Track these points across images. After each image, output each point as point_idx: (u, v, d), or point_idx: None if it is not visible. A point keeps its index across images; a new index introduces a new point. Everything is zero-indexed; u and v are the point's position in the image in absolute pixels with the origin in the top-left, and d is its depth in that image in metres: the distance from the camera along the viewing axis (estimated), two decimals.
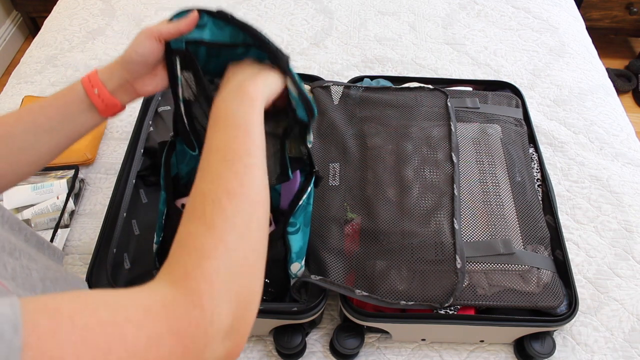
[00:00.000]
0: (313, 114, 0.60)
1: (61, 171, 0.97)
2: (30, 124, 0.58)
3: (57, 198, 0.92)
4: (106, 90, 0.59)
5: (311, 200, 0.73)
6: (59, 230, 0.88)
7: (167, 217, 0.74)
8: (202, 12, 0.58)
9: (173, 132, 0.70)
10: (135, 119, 0.97)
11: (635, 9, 2.14)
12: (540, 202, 0.88)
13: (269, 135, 0.60)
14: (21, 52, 2.40)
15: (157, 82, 0.61)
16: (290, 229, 0.70)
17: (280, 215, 0.72)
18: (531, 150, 0.95)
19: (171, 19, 0.58)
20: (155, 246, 0.77)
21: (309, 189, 0.70)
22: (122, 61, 0.59)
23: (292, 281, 0.74)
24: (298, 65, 1.25)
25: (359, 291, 0.73)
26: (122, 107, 0.62)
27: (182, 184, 0.75)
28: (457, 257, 0.75)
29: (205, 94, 0.61)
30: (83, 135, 0.62)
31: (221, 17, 0.58)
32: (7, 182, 0.59)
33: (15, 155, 0.58)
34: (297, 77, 0.58)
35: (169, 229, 0.74)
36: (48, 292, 0.51)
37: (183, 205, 0.74)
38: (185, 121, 0.64)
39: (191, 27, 0.58)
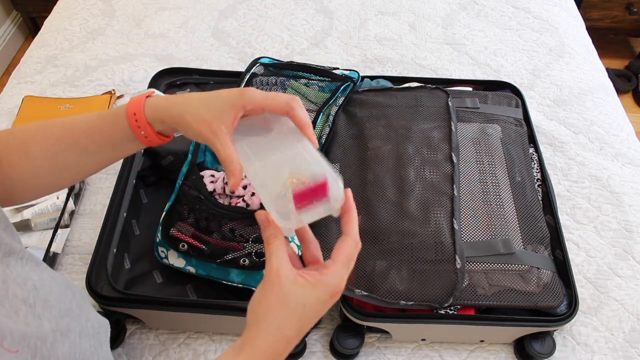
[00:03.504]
0: None
1: None
2: (74, 145, 0.57)
3: (57, 198, 0.92)
4: (153, 131, 0.57)
5: None
6: (59, 230, 0.88)
7: (186, 178, 0.80)
8: None
9: None
10: None
11: (635, 9, 2.14)
12: (540, 202, 0.88)
13: None
14: (21, 52, 2.40)
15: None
16: None
17: None
18: (531, 150, 0.95)
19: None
20: (163, 214, 0.79)
21: None
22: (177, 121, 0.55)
23: None
24: None
25: (359, 291, 0.73)
26: (170, 138, 0.61)
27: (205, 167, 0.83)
28: (457, 257, 0.75)
29: None
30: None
31: None
32: (49, 191, 0.59)
33: (58, 172, 0.58)
34: None
35: (182, 194, 0.79)
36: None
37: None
38: None
39: None
